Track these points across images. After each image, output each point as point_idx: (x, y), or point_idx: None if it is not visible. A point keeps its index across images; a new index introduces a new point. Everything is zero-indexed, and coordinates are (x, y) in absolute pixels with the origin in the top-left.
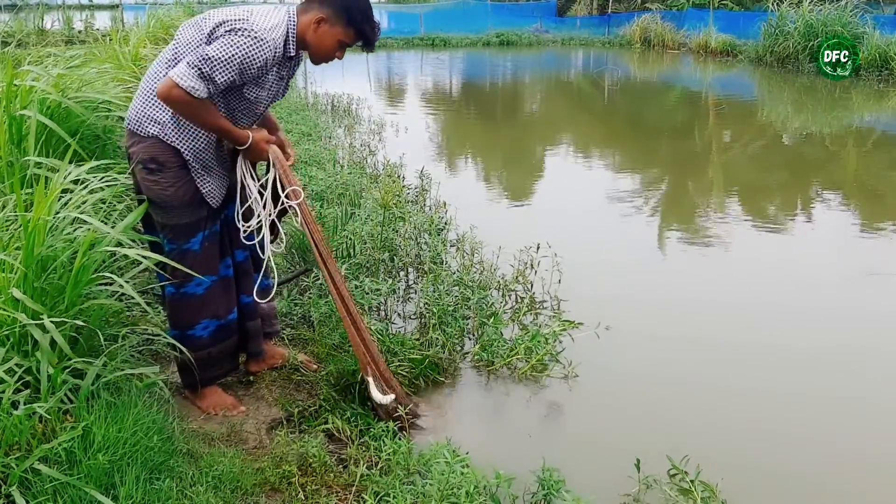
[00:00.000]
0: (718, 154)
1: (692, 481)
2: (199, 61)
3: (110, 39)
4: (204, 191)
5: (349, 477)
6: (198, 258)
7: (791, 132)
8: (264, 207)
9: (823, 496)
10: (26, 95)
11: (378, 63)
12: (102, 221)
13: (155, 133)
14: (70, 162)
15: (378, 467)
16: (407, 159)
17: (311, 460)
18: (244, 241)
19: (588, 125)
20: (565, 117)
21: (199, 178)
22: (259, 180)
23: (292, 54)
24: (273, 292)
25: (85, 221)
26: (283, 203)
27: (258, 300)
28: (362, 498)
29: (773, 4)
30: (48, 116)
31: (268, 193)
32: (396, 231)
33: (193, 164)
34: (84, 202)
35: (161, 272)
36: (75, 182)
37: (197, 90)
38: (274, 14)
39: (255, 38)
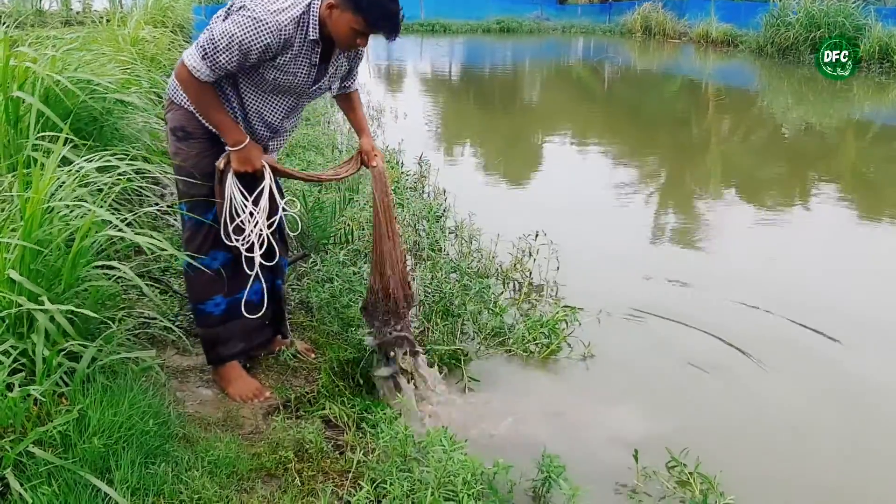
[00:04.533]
0: (717, 144)
1: (691, 473)
2: (205, 41)
3: (108, 21)
4: None
5: (346, 463)
6: (212, 231)
7: (791, 123)
8: (257, 221)
9: (822, 490)
10: (23, 76)
11: (377, 48)
12: (100, 204)
13: (185, 103)
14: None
15: (375, 454)
16: (406, 145)
17: (307, 446)
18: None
19: (588, 113)
20: (565, 105)
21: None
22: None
23: (313, 38)
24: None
25: (83, 203)
26: (281, 212)
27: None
28: (359, 484)
29: None
30: (45, 97)
31: (263, 203)
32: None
33: (219, 138)
34: (82, 183)
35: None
36: (66, 163)
37: (198, 70)
38: None
39: (254, 18)
